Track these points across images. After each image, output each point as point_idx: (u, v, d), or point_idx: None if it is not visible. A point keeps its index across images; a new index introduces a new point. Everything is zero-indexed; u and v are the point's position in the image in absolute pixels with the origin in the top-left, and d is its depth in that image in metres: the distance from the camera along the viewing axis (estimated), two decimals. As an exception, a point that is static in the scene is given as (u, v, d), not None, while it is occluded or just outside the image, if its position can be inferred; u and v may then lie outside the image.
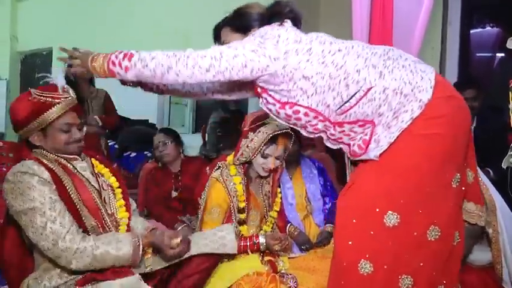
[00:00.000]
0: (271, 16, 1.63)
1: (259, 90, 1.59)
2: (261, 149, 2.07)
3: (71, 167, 1.70)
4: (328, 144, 1.61)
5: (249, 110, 3.88)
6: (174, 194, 2.98)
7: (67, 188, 1.62)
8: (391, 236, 1.44)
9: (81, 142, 1.72)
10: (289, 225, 2.43)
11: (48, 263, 1.62)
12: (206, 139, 3.72)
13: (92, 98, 3.66)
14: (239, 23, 1.68)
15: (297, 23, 1.64)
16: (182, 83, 1.54)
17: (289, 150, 2.18)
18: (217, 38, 1.75)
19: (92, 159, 1.83)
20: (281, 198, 2.33)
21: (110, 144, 4.06)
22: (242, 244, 2.08)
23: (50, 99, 1.64)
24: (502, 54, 5.21)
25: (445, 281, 1.52)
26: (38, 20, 6.32)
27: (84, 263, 1.56)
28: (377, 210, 1.45)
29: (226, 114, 3.66)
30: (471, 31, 4.90)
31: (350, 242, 1.48)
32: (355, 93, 1.45)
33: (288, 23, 1.60)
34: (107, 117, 3.68)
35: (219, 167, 2.18)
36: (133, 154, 4.19)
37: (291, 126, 1.63)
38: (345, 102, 1.47)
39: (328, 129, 1.54)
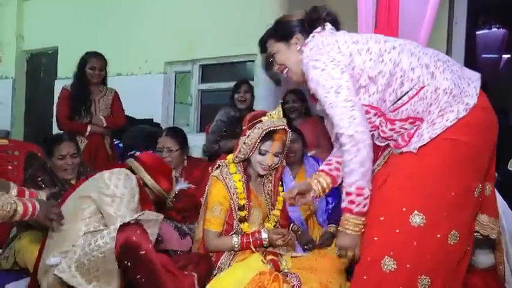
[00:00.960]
0: (310, 22, 1.68)
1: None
2: (257, 145, 2.08)
3: None
4: (377, 142, 1.64)
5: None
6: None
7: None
8: (416, 236, 1.47)
9: None
10: (292, 224, 2.44)
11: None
12: (209, 134, 3.68)
13: (100, 97, 3.63)
14: (281, 32, 1.72)
15: (336, 25, 1.70)
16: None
17: (287, 147, 2.18)
18: (264, 51, 1.80)
19: None
20: None
21: (115, 143, 4.05)
22: (245, 241, 2.09)
23: None
24: (508, 56, 5.19)
25: (450, 284, 1.54)
26: (43, 19, 6.34)
27: None
28: (404, 209, 1.48)
29: (235, 113, 3.58)
30: (477, 32, 4.88)
31: (376, 238, 1.51)
32: (408, 91, 1.50)
33: (328, 26, 1.67)
34: (112, 118, 3.65)
35: (219, 165, 2.20)
36: (137, 153, 4.20)
37: None
38: (398, 99, 1.52)
39: (381, 125, 1.58)
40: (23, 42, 6.72)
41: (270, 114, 2.11)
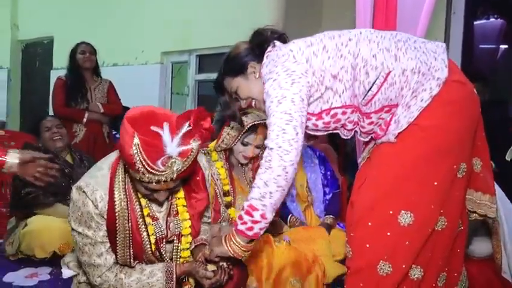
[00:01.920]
0: (258, 46, 1.64)
1: None
2: (240, 137, 2.10)
3: (138, 208, 1.61)
4: (361, 138, 1.62)
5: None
6: None
7: (117, 229, 1.57)
8: (408, 235, 1.45)
9: (159, 201, 1.58)
10: (290, 216, 2.44)
11: None
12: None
13: (95, 86, 3.66)
14: (234, 67, 1.67)
15: (284, 40, 1.65)
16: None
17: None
18: (222, 92, 1.75)
19: (179, 194, 1.68)
20: None
21: (113, 133, 4.04)
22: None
23: (145, 165, 1.40)
24: (506, 46, 5.18)
25: (447, 268, 1.54)
26: (38, 9, 6.28)
27: None
28: (390, 212, 1.46)
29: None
30: (475, 22, 4.86)
31: (367, 245, 1.49)
32: (376, 80, 1.45)
33: (277, 43, 1.62)
34: (109, 106, 3.68)
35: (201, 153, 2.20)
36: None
37: (331, 132, 1.61)
38: (368, 91, 1.46)
39: (360, 120, 1.54)
40: (17, 32, 6.66)
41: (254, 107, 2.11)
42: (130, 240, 1.58)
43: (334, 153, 3.27)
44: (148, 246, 1.61)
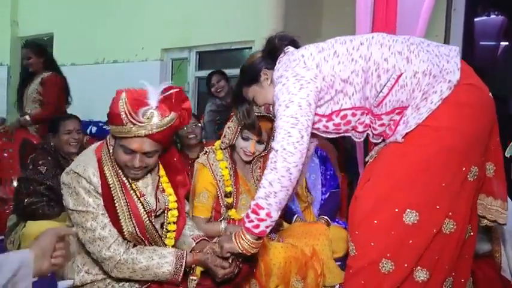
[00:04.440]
0: (270, 53, 1.69)
1: None
2: (240, 130, 2.09)
3: (127, 182, 1.68)
4: (373, 141, 1.64)
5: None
6: None
7: (115, 199, 1.62)
8: (412, 234, 1.46)
9: (141, 170, 1.65)
10: (296, 216, 2.45)
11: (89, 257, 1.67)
12: (206, 124, 3.77)
13: (28, 88, 3.59)
14: (248, 77, 1.75)
15: (296, 45, 1.69)
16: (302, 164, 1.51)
17: (270, 134, 2.16)
18: (242, 102, 1.85)
19: (162, 172, 1.79)
20: None
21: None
22: None
23: (133, 116, 1.53)
24: (506, 43, 5.16)
25: (454, 273, 1.54)
26: (38, 5, 6.26)
27: (124, 274, 1.60)
28: (396, 210, 1.47)
29: (223, 102, 3.73)
30: (475, 19, 4.85)
31: (372, 243, 1.50)
32: (387, 82, 1.47)
33: (289, 48, 1.67)
34: (36, 114, 3.49)
35: (206, 151, 2.20)
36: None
37: (342, 135, 1.65)
38: (379, 93, 1.49)
39: (372, 122, 1.56)
40: (17, 29, 6.64)
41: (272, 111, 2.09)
42: (130, 210, 1.62)
43: (335, 151, 3.28)
44: (146, 217, 1.66)
